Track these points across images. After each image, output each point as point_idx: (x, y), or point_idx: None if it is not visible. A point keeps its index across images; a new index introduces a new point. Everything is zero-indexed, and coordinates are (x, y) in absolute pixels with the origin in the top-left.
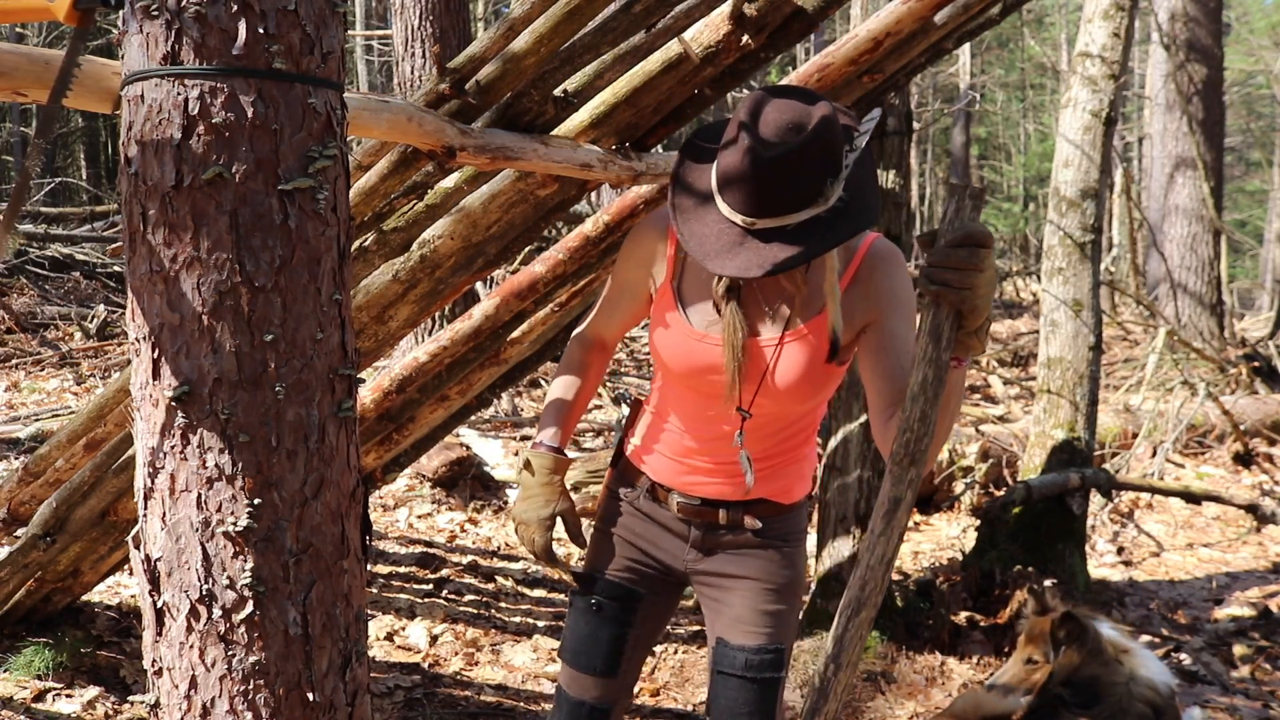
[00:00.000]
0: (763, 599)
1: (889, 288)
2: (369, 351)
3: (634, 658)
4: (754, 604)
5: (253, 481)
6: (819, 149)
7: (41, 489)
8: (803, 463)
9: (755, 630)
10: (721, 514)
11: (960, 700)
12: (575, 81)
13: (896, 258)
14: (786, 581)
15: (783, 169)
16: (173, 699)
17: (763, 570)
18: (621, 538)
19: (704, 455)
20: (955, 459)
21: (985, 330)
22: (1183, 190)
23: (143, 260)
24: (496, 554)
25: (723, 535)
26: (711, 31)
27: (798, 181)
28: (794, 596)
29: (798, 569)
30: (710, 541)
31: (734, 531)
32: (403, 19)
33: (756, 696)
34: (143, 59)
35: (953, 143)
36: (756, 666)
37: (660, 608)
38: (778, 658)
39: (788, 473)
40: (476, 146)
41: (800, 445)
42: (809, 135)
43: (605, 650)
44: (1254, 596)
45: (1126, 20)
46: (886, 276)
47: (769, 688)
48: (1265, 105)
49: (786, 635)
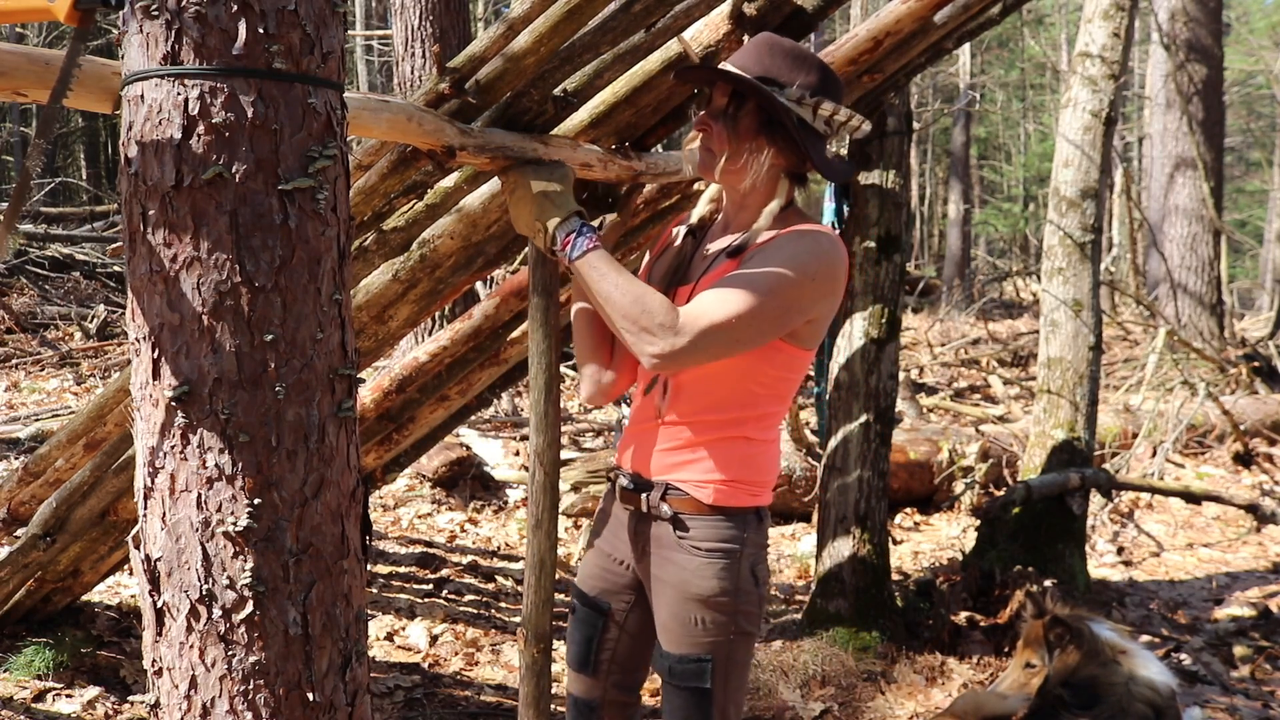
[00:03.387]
0: (685, 607)
1: (776, 241)
2: (369, 351)
3: (614, 659)
4: (674, 611)
5: (253, 481)
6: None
7: (41, 489)
8: (729, 449)
9: (677, 638)
10: (643, 499)
11: (960, 700)
12: (575, 81)
13: (810, 236)
14: (712, 593)
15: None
16: (173, 699)
17: (682, 577)
18: (598, 546)
19: (639, 411)
20: (955, 459)
21: (543, 237)
22: (1183, 190)
23: (143, 260)
24: (496, 554)
25: (649, 529)
26: (711, 31)
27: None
28: (723, 608)
29: (729, 582)
30: (642, 536)
31: (657, 523)
32: (403, 19)
33: (687, 704)
34: (143, 59)
35: (953, 143)
36: (680, 675)
37: (637, 615)
38: (700, 668)
39: (708, 453)
40: (476, 146)
41: (728, 426)
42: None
43: (580, 650)
44: (1254, 596)
45: (1126, 20)
46: (779, 244)
47: (698, 697)
48: (1265, 105)
49: (716, 648)
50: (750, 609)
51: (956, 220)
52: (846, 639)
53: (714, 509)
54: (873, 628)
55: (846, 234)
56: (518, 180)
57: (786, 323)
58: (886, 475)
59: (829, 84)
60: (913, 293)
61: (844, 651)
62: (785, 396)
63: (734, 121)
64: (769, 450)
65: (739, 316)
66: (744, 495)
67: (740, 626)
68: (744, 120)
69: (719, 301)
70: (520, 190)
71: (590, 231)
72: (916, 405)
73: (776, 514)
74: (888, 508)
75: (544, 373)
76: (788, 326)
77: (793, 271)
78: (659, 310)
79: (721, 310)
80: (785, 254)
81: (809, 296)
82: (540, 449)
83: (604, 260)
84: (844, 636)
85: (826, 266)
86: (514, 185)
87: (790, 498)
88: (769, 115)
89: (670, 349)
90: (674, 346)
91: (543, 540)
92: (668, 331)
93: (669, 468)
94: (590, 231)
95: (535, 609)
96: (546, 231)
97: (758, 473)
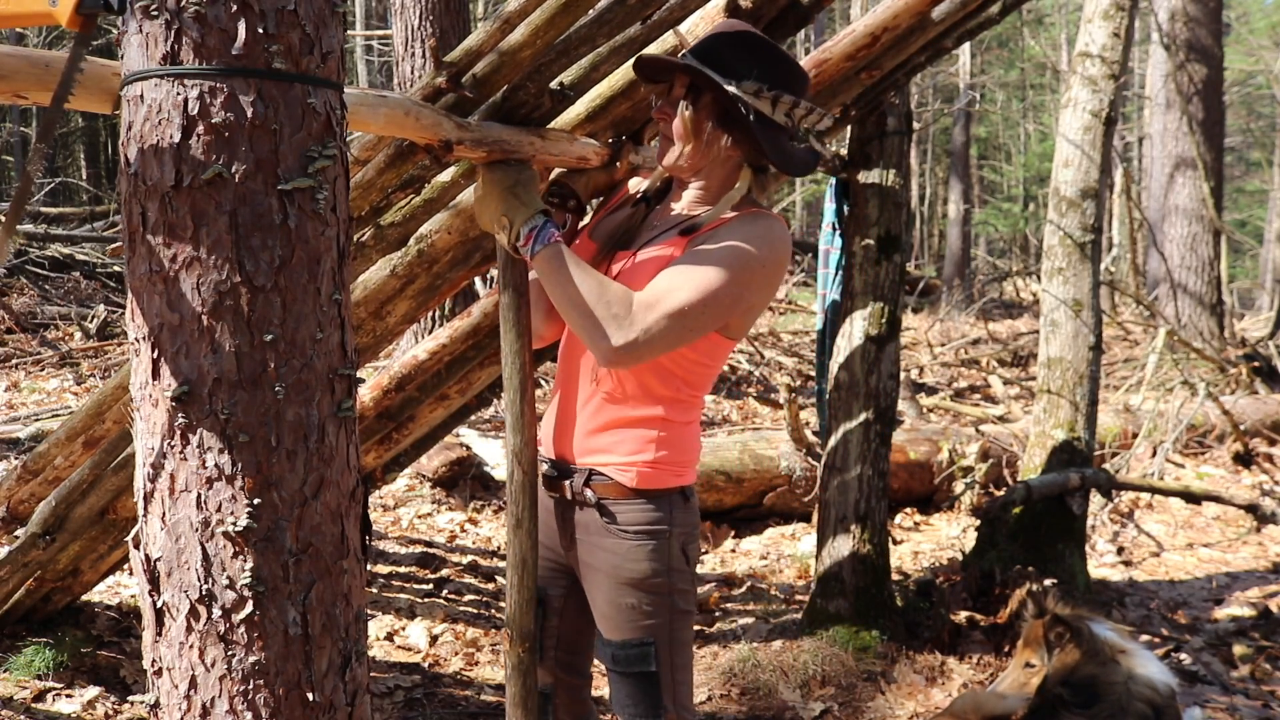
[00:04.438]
0: (619, 592)
1: (728, 224)
2: (367, 347)
3: (559, 645)
4: (610, 597)
5: (253, 481)
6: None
7: (41, 487)
8: (647, 430)
9: (617, 624)
10: (567, 486)
11: (960, 700)
12: (571, 74)
13: (763, 222)
14: (644, 575)
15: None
16: (173, 699)
17: (613, 563)
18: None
19: (562, 397)
20: (955, 459)
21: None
22: (1183, 190)
23: (143, 260)
24: (496, 554)
25: (575, 514)
26: (707, 23)
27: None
28: (657, 589)
29: (660, 562)
30: (569, 524)
31: (582, 510)
32: (403, 19)
33: (634, 690)
34: (142, 59)
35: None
36: (624, 661)
37: (573, 599)
38: (644, 652)
39: (627, 435)
40: (473, 140)
41: (648, 407)
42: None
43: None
44: (1254, 596)
45: (1126, 20)
46: (731, 226)
47: (645, 681)
48: (1265, 105)
49: (657, 630)
50: (685, 587)
51: (956, 220)
52: (846, 639)
53: (638, 492)
54: (873, 628)
55: (846, 234)
56: (486, 176)
57: (733, 310)
58: (886, 475)
59: (789, 77)
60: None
61: (844, 651)
62: (704, 383)
63: (692, 111)
64: (689, 431)
65: (693, 304)
66: (668, 476)
67: (677, 605)
68: (701, 111)
69: (674, 290)
70: (486, 186)
71: (553, 228)
72: (916, 405)
73: (777, 514)
74: (888, 507)
75: (518, 372)
76: (733, 314)
77: (744, 258)
78: (617, 302)
79: (677, 299)
80: (737, 237)
81: (756, 284)
82: (518, 448)
83: (565, 255)
84: (844, 636)
85: (774, 254)
86: (481, 181)
87: (790, 498)
88: (726, 108)
89: (626, 340)
90: (629, 338)
91: (524, 539)
92: (624, 324)
93: (590, 451)
94: (553, 228)
95: (519, 608)
96: (511, 227)
97: (680, 453)
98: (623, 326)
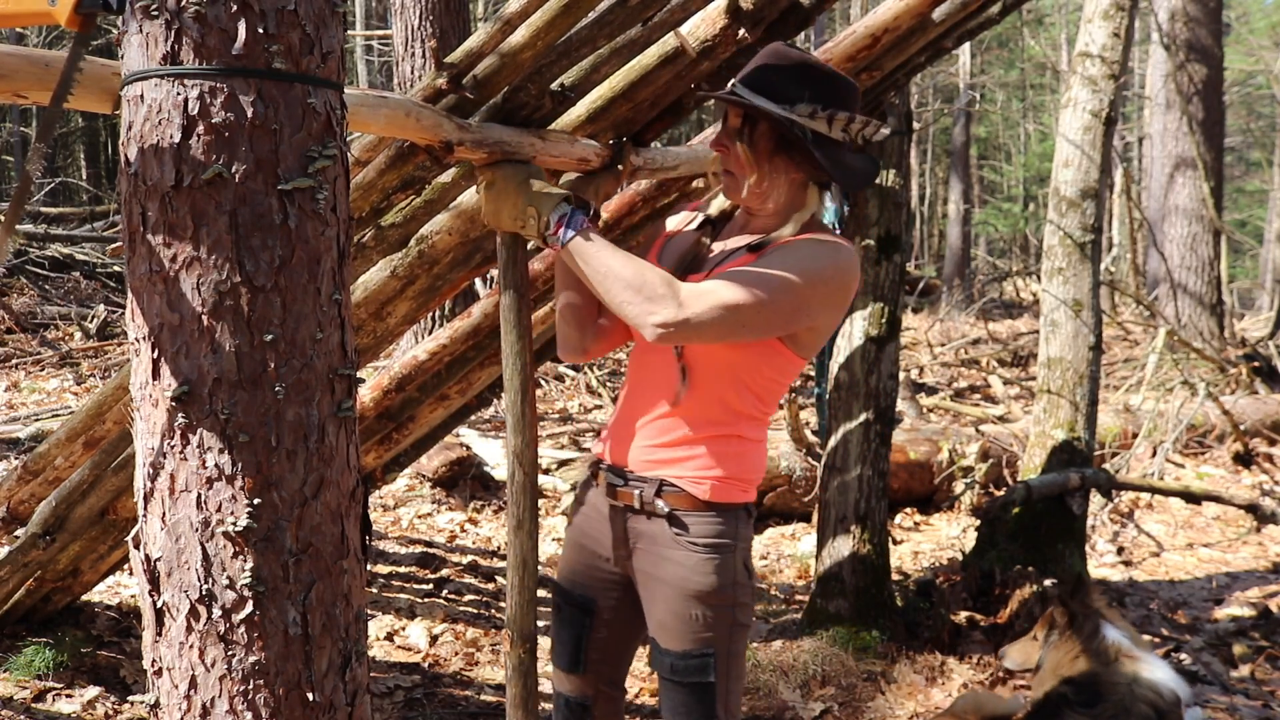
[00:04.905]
0: (684, 604)
1: (796, 242)
2: (367, 348)
3: (604, 657)
4: (674, 609)
5: (253, 481)
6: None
7: (41, 487)
8: (724, 446)
9: (678, 635)
10: (635, 495)
11: (960, 700)
12: (572, 75)
13: (831, 245)
14: (710, 588)
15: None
16: (173, 699)
17: (681, 575)
18: (577, 541)
19: (630, 406)
20: (955, 459)
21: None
22: (1183, 190)
23: (143, 260)
24: (496, 554)
25: (642, 524)
26: (708, 25)
27: (778, 75)
28: (722, 602)
29: (726, 576)
30: (630, 533)
31: (650, 520)
32: (403, 19)
33: (690, 699)
34: (142, 59)
35: (953, 142)
36: (683, 671)
37: (624, 610)
38: (704, 663)
39: (703, 449)
40: (474, 141)
41: (726, 424)
42: (808, 57)
43: (568, 649)
44: (1254, 596)
45: (1126, 20)
46: (799, 243)
47: (701, 691)
48: (1265, 105)
49: (716, 640)
50: (746, 601)
51: (956, 220)
52: (846, 639)
53: (710, 505)
54: (873, 627)
55: (846, 234)
56: (496, 174)
57: (793, 320)
58: (886, 475)
59: (840, 93)
60: (913, 292)
61: (844, 651)
62: (775, 399)
63: (751, 143)
64: (758, 449)
65: (748, 302)
66: (737, 491)
67: (737, 618)
68: (760, 142)
69: (730, 283)
70: (501, 184)
71: (581, 213)
72: (916, 405)
73: (777, 514)
74: (888, 507)
75: (519, 373)
76: (793, 324)
77: (809, 271)
78: (660, 282)
79: (731, 292)
80: (804, 254)
81: (819, 300)
82: (519, 449)
83: (600, 238)
84: (844, 636)
85: (841, 275)
86: (492, 179)
87: (790, 498)
88: (783, 133)
89: (674, 318)
90: (677, 316)
91: (524, 540)
92: (671, 302)
93: (662, 463)
94: (581, 213)
95: (520, 609)
96: (540, 217)
97: (748, 470)
98: (669, 305)
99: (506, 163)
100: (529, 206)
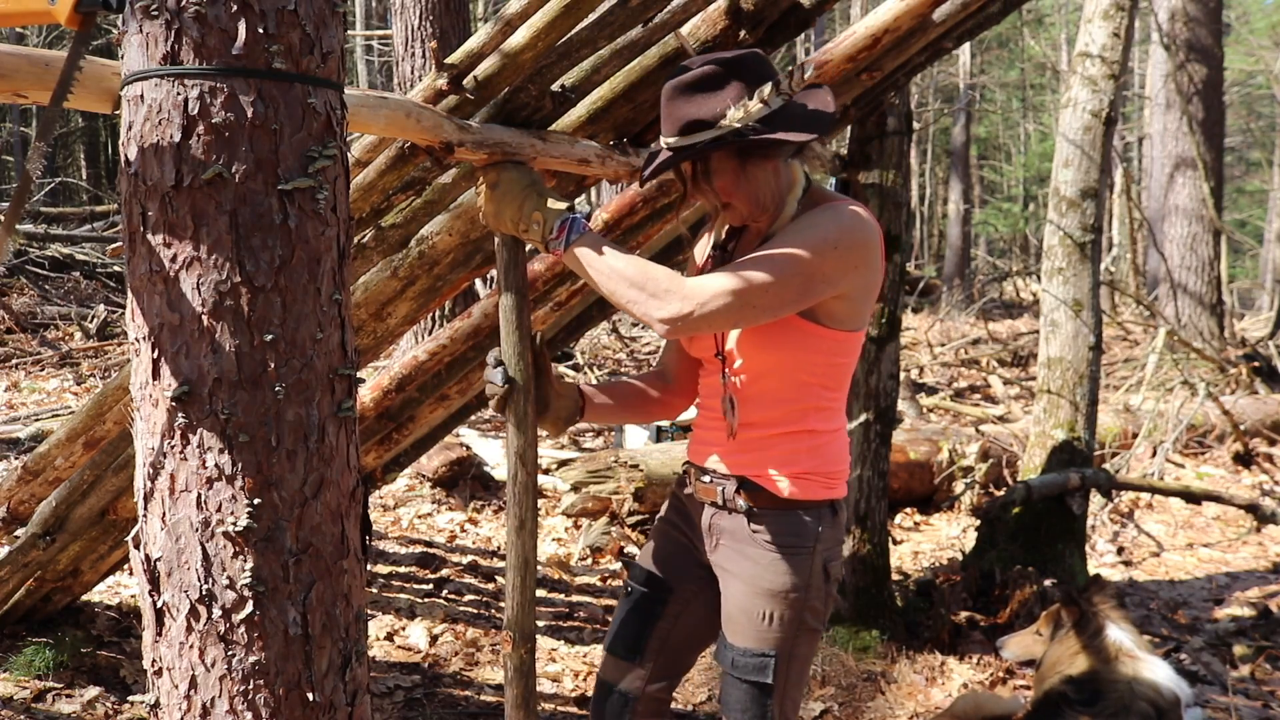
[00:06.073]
0: (753, 601)
1: (799, 219)
2: (368, 349)
3: (663, 649)
4: (743, 605)
5: (253, 481)
6: (708, 78)
7: (41, 487)
8: (796, 443)
9: (744, 631)
10: (719, 491)
11: (960, 700)
12: (572, 76)
13: (831, 209)
14: (783, 589)
15: (678, 91)
16: (173, 699)
17: (753, 572)
18: (666, 531)
19: (706, 414)
20: (955, 459)
21: (539, 229)
22: (1183, 190)
23: (143, 260)
24: (496, 554)
25: (724, 520)
26: (709, 26)
27: (689, 105)
28: (792, 604)
29: (800, 577)
30: (715, 529)
31: (731, 515)
32: (403, 19)
33: (745, 697)
34: (143, 59)
35: (953, 142)
36: (742, 668)
37: (697, 606)
38: (763, 662)
39: (777, 448)
40: (474, 142)
41: (791, 421)
42: (701, 68)
43: (629, 635)
44: (1254, 596)
45: (1126, 20)
46: (799, 219)
47: (759, 691)
48: (1265, 105)
49: (781, 641)
50: (818, 605)
51: (956, 220)
52: (846, 639)
53: (789, 502)
54: (873, 628)
55: None
56: (499, 176)
57: (807, 292)
58: (886, 475)
59: (749, 67)
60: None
61: (844, 651)
62: (841, 383)
63: (718, 174)
64: (837, 439)
65: (753, 284)
66: (818, 487)
67: (806, 622)
68: (724, 167)
69: (734, 272)
70: (505, 185)
71: (583, 219)
72: (916, 405)
73: None
74: (888, 508)
75: (521, 374)
76: (810, 296)
77: (812, 241)
78: (664, 277)
79: (735, 278)
80: (803, 226)
81: (833, 266)
82: (521, 449)
83: (602, 240)
84: (844, 636)
85: (848, 235)
86: (495, 180)
87: None
88: (737, 147)
89: (680, 311)
90: (683, 309)
91: (526, 540)
92: (676, 295)
93: (739, 465)
94: (583, 219)
95: (520, 610)
96: (545, 222)
97: (829, 463)
98: (674, 299)
99: (508, 164)
100: (534, 212)
